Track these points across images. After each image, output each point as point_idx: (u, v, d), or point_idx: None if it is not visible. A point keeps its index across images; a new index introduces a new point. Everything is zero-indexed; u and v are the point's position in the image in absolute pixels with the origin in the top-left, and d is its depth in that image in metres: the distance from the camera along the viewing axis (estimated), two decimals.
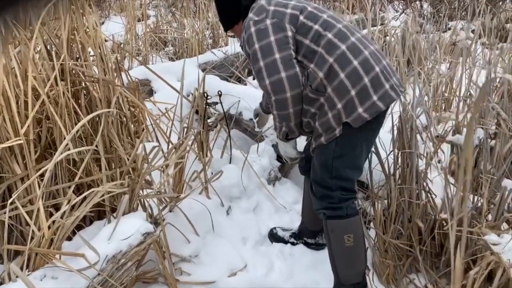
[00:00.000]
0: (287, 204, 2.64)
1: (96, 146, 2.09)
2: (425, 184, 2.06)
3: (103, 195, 1.80)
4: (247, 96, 3.13)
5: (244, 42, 1.84)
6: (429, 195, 2.06)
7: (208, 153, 2.70)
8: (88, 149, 1.98)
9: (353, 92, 1.70)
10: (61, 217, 1.69)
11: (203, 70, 4.10)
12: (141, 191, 1.98)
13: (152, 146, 2.10)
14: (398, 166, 2.09)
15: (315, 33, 1.74)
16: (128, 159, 2.28)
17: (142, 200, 1.98)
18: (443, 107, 3.31)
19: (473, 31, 6.10)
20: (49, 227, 1.62)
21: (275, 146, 2.92)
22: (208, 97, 2.55)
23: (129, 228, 1.74)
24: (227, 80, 4.13)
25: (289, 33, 1.73)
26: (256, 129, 2.92)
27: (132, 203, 1.90)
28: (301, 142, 2.62)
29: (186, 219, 2.17)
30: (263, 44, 1.72)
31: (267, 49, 1.71)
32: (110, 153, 2.32)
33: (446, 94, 3.23)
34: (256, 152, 2.85)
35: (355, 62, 1.71)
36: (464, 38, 5.61)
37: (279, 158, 2.93)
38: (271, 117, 2.84)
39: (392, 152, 2.08)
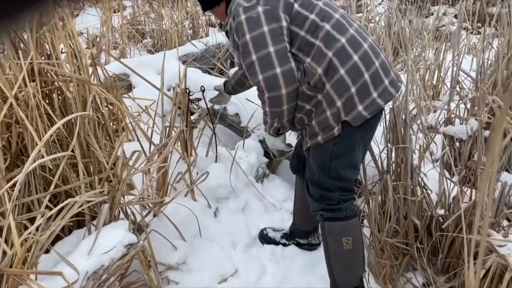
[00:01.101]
0: (277, 203, 2.54)
1: (72, 150, 1.95)
2: (420, 179, 1.98)
3: (81, 205, 1.66)
4: None
5: (231, 30, 1.71)
6: (424, 190, 1.98)
7: (193, 152, 2.58)
8: (63, 155, 1.84)
9: (353, 89, 1.59)
10: (36, 231, 1.57)
11: (183, 63, 3.96)
12: (122, 198, 1.86)
13: (133, 151, 1.97)
14: (391, 162, 2.00)
15: (312, 24, 1.61)
16: (107, 163, 2.15)
17: (124, 207, 1.86)
18: (432, 96, 3.24)
19: (455, 16, 6.06)
20: (21, 244, 1.49)
21: (262, 142, 2.81)
22: (191, 93, 2.42)
23: (111, 240, 1.62)
24: (209, 73, 3.99)
25: (284, 23, 1.60)
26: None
27: (113, 212, 1.78)
28: (291, 137, 2.52)
29: (172, 224, 2.05)
30: (255, 35, 1.58)
31: (260, 41, 1.58)
32: (87, 156, 2.18)
33: (434, 82, 3.16)
34: (243, 148, 2.74)
35: (355, 57, 1.60)
36: (449, 23, 5.57)
37: (266, 153, 2.83)
38: (259, 112, 2.72)
39: (386, 147, 1.99)
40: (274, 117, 1.70)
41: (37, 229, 1.62)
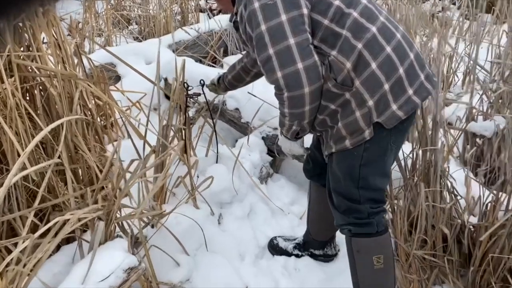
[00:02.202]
0: (284, 206, 2.33)
1: (59, 156, 1.71)
2: (449, 183, 1.80)
3: (73, 224, 1.43)
4: None
5: (242, 20, 1.48)
6: (453, 196, 1.80)
7: (192, 152, 2.35)
8: (49, 164, 1.60)
9: (386, 86, 1.39)
10: (21, 253, 1.33)
11: (173, 51, 3.70)
12: (118, 211, 1.63)
13: (131, 160, 1.73)
14: (418, 165, 1.81)
15: (337, 11, 1.39)
16: (97, 167, 1.91)
17: (120, 222, 1.63)
18: (442, 88, 3.05)
19: (454, 3, 5.88)
20: (1, 276, 1.25)
21: (265, 139, 2.60)
22: (189, 88, 2.18)
23: (108, 264, 1.39)
24: (201, 62, 3.74)
25: (305, 11, 1.37)
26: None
27: (109, 228, 1.55)
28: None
29: (173, 237, 1.83)
30: (272, 25, 1.36)
31: (278, 32, 1.35)
32: (76, 161, 1.94)
33: (445, 73, 2.97)
34: (247, 143, 2.51)
35: (388, 49, 1.39)
36: (448, 8, 5.38)
37: (270, 151, 2.62)
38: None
39: (413, 150, 1.79)
40: (293, 119, 1.49)
41: (21, 252, 1.39)
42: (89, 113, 2.30)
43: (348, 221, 1.53)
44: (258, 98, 2.60)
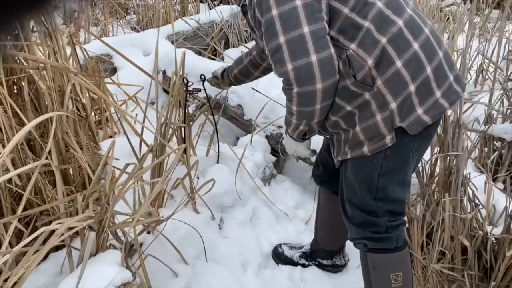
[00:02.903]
0: (289, 210, 2.20)
1: (47, 157, 1.56)
2: (470, 192, 1.66)
3: (60, 236, 1.29)
4: None
5: (251, 3, 1.33)
6: (474, 205, 1.67)
7: (191, 151, 2.21)
8: (35, 166, 1.45)
9: (412, 87, 1.25)
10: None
11: (172, 43, 3.55)
12: (111, 218, 1.49)
13: (126, 164, 1.59)
14: (436, 173, 1.68)
15: None
16: (90, 167, 1.77)
17: (114, 230, 1.49)
18: None
19: None
20: None
21: (269, 137, 2.46)
22: (189, 84, 2.03)
23: (99, 280, 1.25)
24: (200, 54, 3.58)
25: None
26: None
27: (100, 238, 1.41)
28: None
29: (171, 245, 1.70)
30: (285, 10, 1.21)
31: (291, 18, 1.20)
32: (66, 161, 1.79)
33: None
34: (250, 144, 2.37)
35: (416, 45, 1.25)
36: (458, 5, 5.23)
37: (274, 151, 2.48)
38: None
39: (433, 155, 1.66)
40: (301, 118, 1.34)
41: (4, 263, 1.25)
42: (82, 107, 2.15)
43: (364, 235, 1.39)
44: (263, 95, 2.45)
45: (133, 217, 1.48)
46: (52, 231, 1.32)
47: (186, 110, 2.07)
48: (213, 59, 3.51)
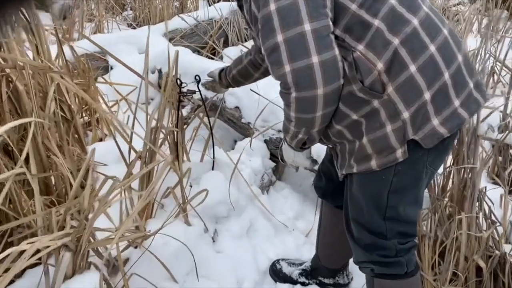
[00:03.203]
0: (288, 221, 2.06)
1: (23, 164, 1.42)
2: (486, 207, 1.52)
3: (35, 253, 1.15)
4: None
5: None
6: (490, 223, 1.53)
7: (185, 156, 2.07)
8: (9, 175, 1.31)
9: (427, 95, 1.11)
10: None
11: (170, 40, 3.41)
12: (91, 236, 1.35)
13: (104, 178, 1.44)
14: (448, 188, 1.53)
15: None
16: (72, 176, 1.63)
17: (95, 247, 1.35)
18: None
19: None
20: None
21: (268, 142, 2.32)
22: (183, 85, 1.89)
23: None
24: (199, 53, 3.44)
25: None
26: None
27: (78, 258, 1.27)
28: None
29: (159, 261, 1.55)
30: (285, 4, 1.07)
31: (291, 14, 1.07)
32: (47, 169, 1.65)
33: None
34: (250, 147, 2.23)
35: (432, 47, 1.11)
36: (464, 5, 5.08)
37: (273, 156, 2.34)
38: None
39: (446, 168, 1.51)
40: (300, 126, 1.20)
41: None
42: (68, 109, 2.01)
43: (371, 259, 1.25)
44: (262, 97, 2.31)
45: (116, 233, 1.34)
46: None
47: (180, 113, 1.93)
48: (212, 58, 3.37)
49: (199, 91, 1.96)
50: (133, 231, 1.52)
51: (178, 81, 1.88)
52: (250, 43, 3.48)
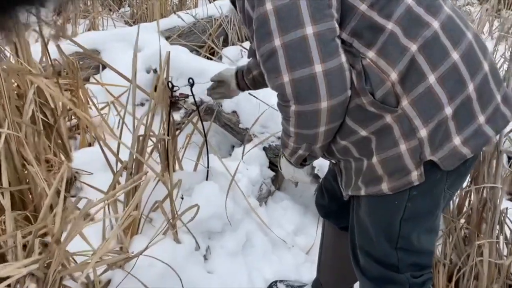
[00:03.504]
0: (287, 236, 1.91)
1: None
2: (507, 232, 1.37)
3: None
4: None
5: None
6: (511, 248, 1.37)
7: (177, 165, 1.92)
8: None
9: (448, 110, 0.96)
10: None
11: (167, 39, 3.26)
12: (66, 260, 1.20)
13: (77, 198, 1.29)
14: (464, 208, 1.38)
15: None
16: (49, 188, 1.48)
17: (66, 275, 1.20)
18: None
19: None
20: None
21: (267, 149, 2.17)
22: (175, 88, 1.74)
23: None
24: (197, 52, 3.28)
25: None
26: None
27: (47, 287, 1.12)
28: None
29: (143, 285, 1.41)
30: (283, 3, 0.93)
31: (291, 15, 0.93)
32: (23, 181, 1.51)
33: None
34: (242, 157, 2.09)
35: (455, 55, 0.96)
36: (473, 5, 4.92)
37: (272, 164, 2.18)
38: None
39: (464, 187, 1.36)
40: (300, 142, 1.06)
41: None
42: (51, 113, 1.86)
43: None
44: (261, 101, 2.16)
45: (92, 257, 1.19)
46: None
47: (171, 119, 1.78)
48: (210, 58, 3.22)
49: (193, 95, 1.81)
50: (115, 252, 1.37)
51: (170, 84, 1.73)
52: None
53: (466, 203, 1.44)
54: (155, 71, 2.73)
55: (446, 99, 0.96)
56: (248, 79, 1.59)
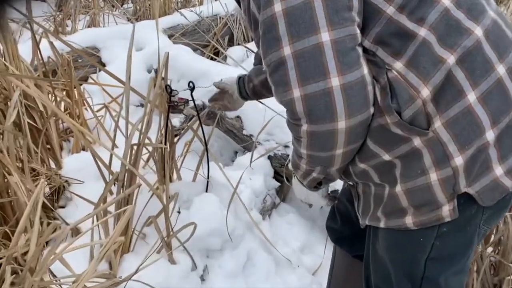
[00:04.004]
0: (293, 254, 1.76)
1: None
2: None
3: None
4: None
5: None
6: None
7: (175, 174, 1.78)
8: None
9: (490, 135, 0.82)
10: None
11: (169, 37, 3.12)
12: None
13: (51, 225, 1.15)
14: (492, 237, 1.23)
15: None
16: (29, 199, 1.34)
17: None
18: None
19: None
20: None
21: (272, 158, 2.02)
22: (173, 93, 1.59)
23: None
24: (201, 52, 3.14)
25: None
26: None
27: None
28: None
29: None
30: (295, 4, 0.79)
31: (303, 18, 0.78)
32: (3, 190, 1.37)
33: None
34: (249, 165, 1.94)
35: (501, 68, 0.82)
36: None
37: (277, 174, 2.04)
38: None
39: None
40: (314, 164, 0.93)
41: None
42: (39, 118, 1.72)
43: None
44: (267, 107, 2.01)
45: (73, 286, 1.05)
46: None
47: (168, 126, 1.64)
48: (214, 58, 3.07)
49: (193, 100, 1.66)
50: (101, 276, 1.23)
51: (168, 88, 1.59)
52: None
53: (494, 230, 1.30)
54: (156, 71, 2.59)
55: (488, 121, 0.81)
56: (249, 89, 1.45)
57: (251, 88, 1.44)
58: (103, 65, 2.90)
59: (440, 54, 0.80)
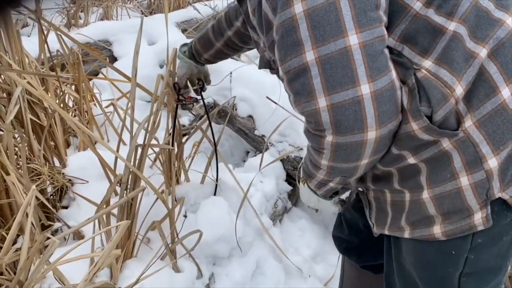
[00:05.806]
0: (304, 263, 1.68)
1: None
2: None
3: None
4: (244, 79, 2.10)
5: None
6: None
7: (183, 175, 1.71)
8: None
9: None
10: None
11: (183, 32, 3.06)
12: None
13: (42, 235, 1.08)
14: None
15: None
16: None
17: None
18: None
19: None
20: None
21: (284, 161, 1.93)
22: (182, 91, 1.52)
23: None
24: None
25: None
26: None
27: None
28: None
29: None
30: (318, 5, 0.70)
31: (328, 20, 0.70)
32: (2, 195, 1.31)
33: None
34: (259, 168, 1.86)
35: None
36: None
37: (290, 177, 1.95)
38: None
39: None
40: (334, 175, 0.85)
41: None
42: (45, 115, 1.66)
43: None
44: (280, 107, 1.92)
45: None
46: None
47: (176, 125, 1.56)
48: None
49: (202, 99, 1.58)
50: (101, 285, 1.17)
51: (176, 86, 1.51)
52: None
53: None
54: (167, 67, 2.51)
55: None
56: (203, 59, 1.40)
57: (203, 60, 1.41)
58: (115, 59, 2.85)
59: (471, 48, 0.73)
